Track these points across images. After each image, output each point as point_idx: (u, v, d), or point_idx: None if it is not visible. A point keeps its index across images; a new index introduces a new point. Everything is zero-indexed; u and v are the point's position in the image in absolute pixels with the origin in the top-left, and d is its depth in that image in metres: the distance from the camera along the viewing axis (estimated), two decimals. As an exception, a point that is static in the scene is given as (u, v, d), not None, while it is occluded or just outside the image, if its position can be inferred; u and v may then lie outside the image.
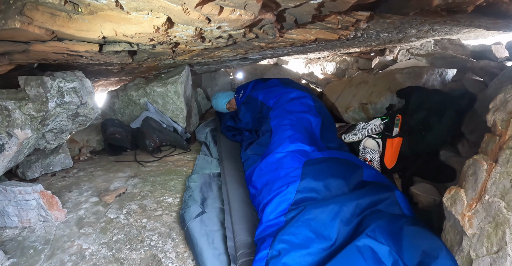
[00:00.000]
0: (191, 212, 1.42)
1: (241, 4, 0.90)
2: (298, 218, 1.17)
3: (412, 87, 2.85)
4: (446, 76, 3.40)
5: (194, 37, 1.28)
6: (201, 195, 1.64)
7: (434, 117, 2.25)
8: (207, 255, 1.15)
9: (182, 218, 1.40)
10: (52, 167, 2.08)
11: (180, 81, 2.52)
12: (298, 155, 1.66)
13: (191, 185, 1.73)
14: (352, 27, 1.97)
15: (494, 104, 1.47)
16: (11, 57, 1.13)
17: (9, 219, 1.51)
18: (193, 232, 1.27)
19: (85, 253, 1.26)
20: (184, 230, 1.34)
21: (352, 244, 1.04)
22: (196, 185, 1.74)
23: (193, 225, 1.30)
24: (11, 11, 0.79)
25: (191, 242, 1.24)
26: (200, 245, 1.19)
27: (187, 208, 1.47)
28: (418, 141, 2.29)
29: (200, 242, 1.21)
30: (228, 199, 1.56)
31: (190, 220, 1.34)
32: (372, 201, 1.42)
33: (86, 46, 1.09)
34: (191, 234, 1.26)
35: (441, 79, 3.38)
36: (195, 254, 1.18)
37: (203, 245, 1.19)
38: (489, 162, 1.24)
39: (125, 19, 0.95)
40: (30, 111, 1.34)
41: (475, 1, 1.24)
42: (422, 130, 2.32)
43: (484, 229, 1.12)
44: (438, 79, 3.38)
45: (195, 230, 1.27)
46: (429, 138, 2.25)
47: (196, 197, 1.60)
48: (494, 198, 1.13)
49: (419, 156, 2.24)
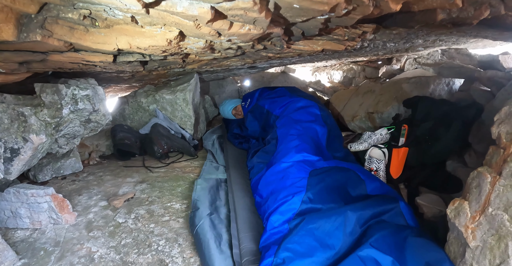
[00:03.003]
0: (200, 212, 1.45)
1: (250, 20, 0.94)
2: (302, 226, 1.19)
3: (419, 97, 2.85)
4: (454, 86, 3.39)
5: (204, 48, 1.33)
6: (210, 197, 1.67)
7: (441, 127, 2.24)
8: (214, 257, 1.17)
9: (192, 220, 1.43)
10: (62, 171, 2.13)
11: (188, 89, 2.57)
12: (304, 165, 1.68)
13: (199, 187, 1.77)
14: (359, 38, 2.00)
15: (499, 117, 1.47)
16: (29, 66, 1.19)
17: (21, 220, 1.56)
18: (203, 233, 1.30)
19: (94, 256, 1.30)
20: (193, 232, 1.36)
21: (354, 254, 1.06)
22: (205, 188, 1.77)
23: (202, 226, 1.34)
24: (33, 24, 0.85)
25: (199, 243, 1.27)
26: (209, 247, 1.22)
27: (197, 210, 1.51)
28: (424, 151, 2.28)
29: (209, 244, 1.24)
30: (234, 207, 1.58)
31: (200, 221, 1.37)
32: (376, 212, 1.43)
33: (101, 57, 1.14)
34: (200, 236, 1.29)
35: (448, 88, 3.37)
36: (203, 255, 1.20)
37: (212, 247, 1.22)
38: (493, 175, 1.25)
39: (139, 32, 0.99)
40: (45, 117, 1.39)
41: (479, 16, 1.26)
42: (429, 140, 2.32)
43: (487, 241, 1.12)
44: (445, 89, 3.37)
45: (205, 230, 1.31)
46: (436, 148, 2.24)
47: (205, 199, 1.63)
48: (498, 210, 1.14)
49: (425, 167, 2.23)
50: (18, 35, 0.81)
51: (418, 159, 2.33)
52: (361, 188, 1.68)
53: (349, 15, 1.05)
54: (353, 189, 1.65)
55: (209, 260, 1.17)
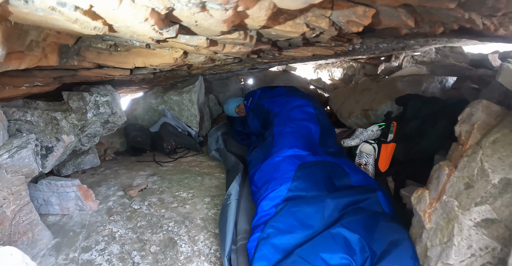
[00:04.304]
0: (232, 196, 1.71)
1: (239, 44, 1.17)
2: (285, 209, 1.43)
3: (410, 95, 2.98)
4: (447, 83, 3.49)
5: (205, 61, 1.57)
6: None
7: (428, 125, 2.37)
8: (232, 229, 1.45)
9: (226, 199, 1.69)
10: (82, 166, 2.40)
11: (194, 90, 2.81)
12: (294, 159, 1.91)
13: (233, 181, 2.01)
14: (347, 44, 2.19)
15: (462, 117, 1.69)
16: (61, 79, 1.44)
17: (52, 207, 1.83)
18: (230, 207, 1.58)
19: (115, 235, 1.57)
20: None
21: (326, 231, 1.29)
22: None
23: (231, 204, 1.61)
24: (71, 52, 1.09)
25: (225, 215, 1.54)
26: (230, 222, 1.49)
27: (230, 195, 1.75)
28: (411, 147, 2.43)
29: (230, 220, 1.51)
30: (235, 196, 1.83)
31: (228, 201, 1.65)
32: (354, 200, 1.65)
33: (120, 72, 1.38)
34: (228, 210, 1.57)
35: (441, 86, 3.48)
36: (224, 224, 1.47)
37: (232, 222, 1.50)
38: (450, 168, 1.47)
39: (152, 53, 1.23)
40: (73, 121, 1.65)
41: (435, 32, 1.45)
42: (416, 137, 2.47)
43: (439, 223, 1.34)
44: (438, 87, 3.47)
45: (230, 207, 1.58)
46: (422, 145, 2.37)
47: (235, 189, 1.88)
48: (450, 198, 1.36)
49: (412, 161, 2.40)
50: (59, 61, 1.05)
51: (405, 155, 2.48)
52: (345, 180, 1.91)
53: (320, 36, 1.27)
54: (338, 181, 1.88)
55: (229, 225, 1.45)
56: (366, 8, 1.06)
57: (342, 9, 1.04)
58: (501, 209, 1.25)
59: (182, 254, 1.42)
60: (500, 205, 1.25)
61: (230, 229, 1.41)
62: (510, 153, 1.34)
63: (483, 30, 1.77)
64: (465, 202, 1.30)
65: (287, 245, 1.26)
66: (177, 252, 1.43)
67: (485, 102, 1.62)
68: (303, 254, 1.17)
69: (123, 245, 1.49)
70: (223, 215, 1.52)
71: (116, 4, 0.55)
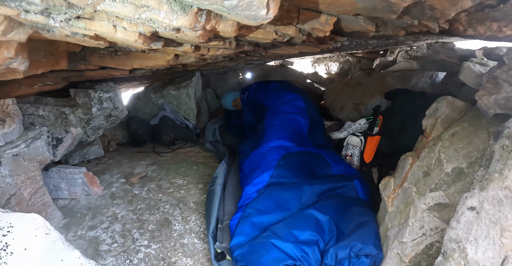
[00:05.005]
0: (218, 181, 1.92)
1: (221, 47, 1.35)
2: (266, 193, 1.63)
3: (399, 90, 3.09)
4: (437, 78, 3.58)
5: (197, 61, 1.74)
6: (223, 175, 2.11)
7: (411, 119, 2.51)
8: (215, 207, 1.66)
9: (212, 183, 1.91)
10: (87, 156, 2.61)
11: (191, 85, 2.99)
12: (279, 150, 2.10)
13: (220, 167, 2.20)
14: (331, 42, 2.33)
15: (429, 111, 1.86)
16: (68, 79, 1.63)
17: (61, 192, 2.05)
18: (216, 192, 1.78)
19: (118, 216, 1.78)
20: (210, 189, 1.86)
21: (300, 212, 1.49)
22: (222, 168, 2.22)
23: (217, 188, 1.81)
24: (78, 58, 1.27)
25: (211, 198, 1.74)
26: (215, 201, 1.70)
27: (216, 178, 1.97)
28: (395, 140, 2.59)
29: (215, 202, 1.71)
30: (225, 182, 2.03)
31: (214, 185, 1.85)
32: (332, 186, 1.84)
33: (120, 72, 1.56)
34: (214, 195, 1.77)
35: (431, 81, 3.57)
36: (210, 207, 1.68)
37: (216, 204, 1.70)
38: (413, 158, 1.64)
39: (147, 57, 1.41)
40: (80, 115, 1.85)
41: (398, 34, 1.60)
42: (399, 130, 2.62)
43: (399, 207, 1.53)
44: (428, 82, 3.56)
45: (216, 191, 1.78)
46: (404, 138, 2.52)
47: (221, 174, 2.07)
48: (410, 185, 1.54)
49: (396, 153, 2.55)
50: (69, 65, 1.23)
51: (389, 147, 2.63)
52: (326, 169, 2.09)
53: (293, 40, 1.44)
54: (319, 170, 2.07)
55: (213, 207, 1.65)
56: (328, 17, 1.23)
57: (306, 18, 1.21)
58: (453, 195, 1.42)
59: (176, 231, 1.63)
60: (453, 192, 1.42)
61: (215, 212, 1.62)
62: (466, 145, 1.52)
63: (452, 31, 1.93)
64: (422, 188, 1.48)
65: (265, 223, 1.46)
66: (171, 230, 1.64)
67: (449, 98, 1.79)
68: (276, 230, 1.37)
69: (125, 224, 1.70)
70: (208, 199, 1.73)
71: (113, 32, 0.74)
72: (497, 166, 1.03)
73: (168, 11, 0.68)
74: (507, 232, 0.94)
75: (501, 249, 0.94)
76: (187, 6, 0.70)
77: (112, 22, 0.71)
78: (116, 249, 1.53)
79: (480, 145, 1.47)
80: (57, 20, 0.66)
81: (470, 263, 0.99)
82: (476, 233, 1.00)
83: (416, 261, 1.33)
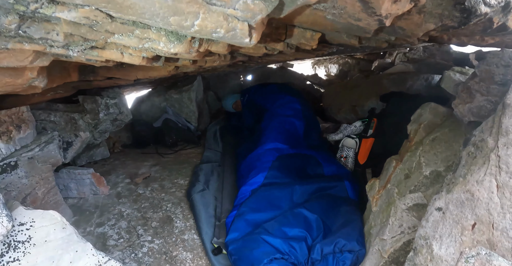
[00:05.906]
0: (195, 188, 2.04)
1: (218, 59, 1.48)
2: (258, 193, 1.77)
3: (394, 93, 3.18)
4: (433, 81, 3.64)
5: (195, 67, 1.88)
6: (205, 178, 2.25)
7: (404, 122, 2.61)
8: (203, 216, 1.77)
9: (189, 192, 2.02)
10: (94, 157, 2.74)
11: (192, 89, 3.13)
12: (274, 152, 2.23)
13: (198, 171, 2.35)
14: (325, 48, 2.44)
15: (413, 117, 1.97)
16: (77, 87, 1.77)
17: (70, 192, 2.19)
18: (195, 201, 1.89)
19: (123, 214, 1.92)
20: (189, 200, 1.96)
21: (290, 211, 1.62)
22: (202, 171, 2.36)
23: (195, 196, 1.93)
24: (88, 70, 1.41)
25: (193, 208, 1.86)
26: (199, 210, 1.82)
27: (193, 186, 2.10)
28: (388, 142, 2.68)
29: (199, 208, 1.84)
30: (223, 182, 2.17)
31: (194, 194, 1.97)
32: (323, 186, 1.97)
33: (126, 81, 1.70)
34: (194, 203, 1.89)
35: (427, 83, 3.62)
36: (195, 215, 1.80)
37: (201, 210, 1.82)
38: (397, 161, 1.77)
39: (150, 68, 1.55)
40: (88, 120, 2.00)
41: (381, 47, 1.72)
42: (392, 132, 2.71)
43: (382, 206, 1.65)
44: (423, 84, 3.62)
45: (196, 200, 1.90)
46: (397, 140, 2.59)
47: (201, 179, 2.22)
48: (392, 186, 1.66)
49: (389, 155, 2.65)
50: (79, 77, 1.37)
51: (383, 149, 2.73)
52: (318, 170, 2.22)
53: (282, 53, 1.56)
54: (311, 170, 2.20)
55: (199, 216, 1.77)
56: (313, 33, 1.35)
57: (293, 34, 1.33)
58: (431, 196, 1.52)
59: (177, 228, 1.77)
60: (431, 193, 1.54)
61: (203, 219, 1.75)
62: (445, 149, 1.64)
63: (437, 40, 2.04)
64: (403, 190, 1.60)
65: (257, 220, 1.59)
66: (173, 227, 1.78)
67: (432, 104, 1.90)
68: (268, 227, 1.50)
69: (130, 221, 1.85)
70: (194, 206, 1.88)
71: (121, 58, 0.87)
72: (462, 171, 1.15)
73: (166, 41, 0.81)
74: (466, 231, 1.06)
75: (461, 245, 1.06)
76: (182, 36, 0.83)
77: (120, 50, 0.85)
78: (122, 244, 1.67)
79: (458, 150, 1.58)
80: (75, 50, 0.80)
81: (435, 258, 1.11)
82: (441, 231, 1.12)
83: (395, 257, 1.45)
